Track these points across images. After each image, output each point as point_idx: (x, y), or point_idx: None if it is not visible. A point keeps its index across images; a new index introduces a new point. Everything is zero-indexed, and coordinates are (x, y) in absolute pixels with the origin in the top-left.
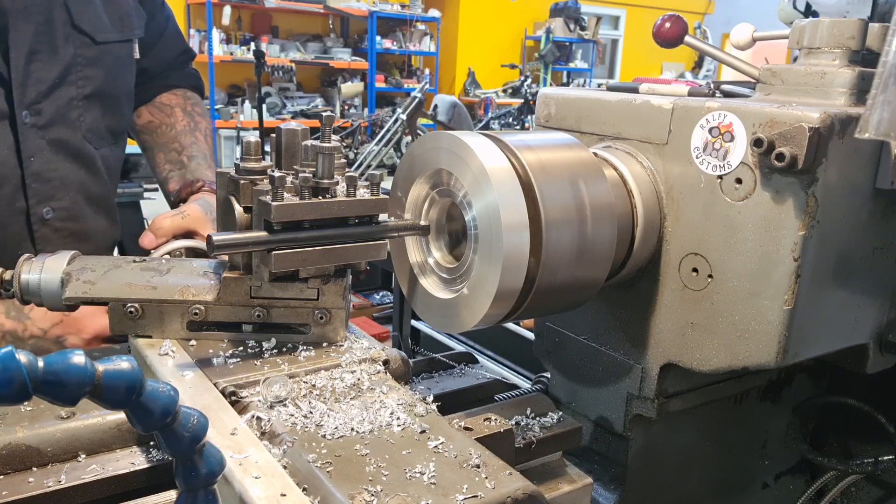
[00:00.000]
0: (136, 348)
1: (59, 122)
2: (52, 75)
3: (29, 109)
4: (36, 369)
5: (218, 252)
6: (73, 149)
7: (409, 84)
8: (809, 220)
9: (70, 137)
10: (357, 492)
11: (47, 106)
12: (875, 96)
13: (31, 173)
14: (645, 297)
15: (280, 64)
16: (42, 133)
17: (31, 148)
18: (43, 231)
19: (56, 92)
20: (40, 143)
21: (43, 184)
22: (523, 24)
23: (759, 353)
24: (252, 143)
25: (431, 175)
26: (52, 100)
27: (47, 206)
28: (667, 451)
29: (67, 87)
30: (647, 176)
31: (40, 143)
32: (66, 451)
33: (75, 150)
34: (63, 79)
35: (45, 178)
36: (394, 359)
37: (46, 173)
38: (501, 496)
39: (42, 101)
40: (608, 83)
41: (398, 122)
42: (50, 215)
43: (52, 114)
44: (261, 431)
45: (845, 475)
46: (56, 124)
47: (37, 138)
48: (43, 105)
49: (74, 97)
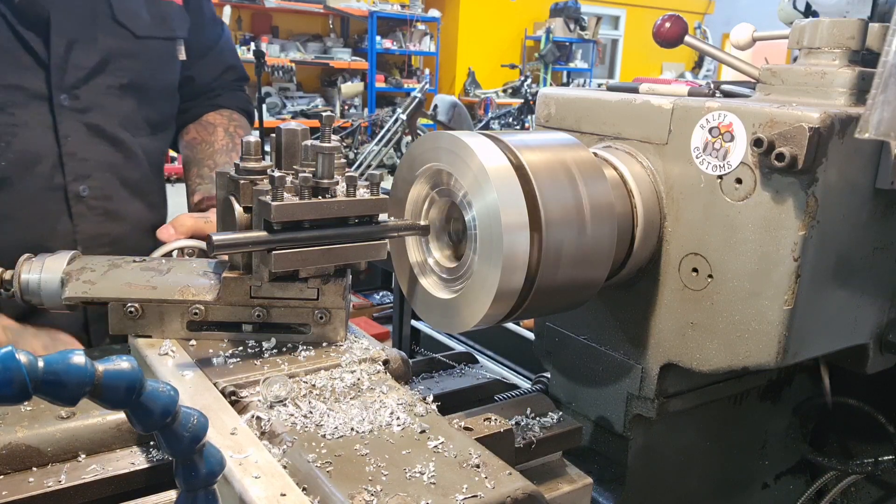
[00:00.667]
0: (136, 348)
1: (95, 108)
2: (91, 63)
3: (67, 93)
4: (36, 369)
5: (218, 252)
6: (108, 134)
7: (409, 84)
8: (809, 220)
9: (106, 123)
10: (357, 491)
11: (85, 92)
12: (875, 96)
13: (67, 152)
14: (645, 297)
15: (280, 64)
16: (79, 116)
17: (67, 129)
18: (79, 208)
19: (94, 79)
20: (77, 125)
21: (78, 163)
22: (523, 24)
23: (759, 353)
24: (252, 143)
25: (431, 175)
26: (90, 86)
27: (84, 185)
28: (667, 451)
29: (105, 75)
30: (647, 176)
31: (77, 125)
32: (66, 451)
33: (111, 136)
34: (102, 67)
35: (81, 157)
36: (394, 359)
37: (82, 153)
38: (501, 496)
39: (81, 87)
40: (608, 83)
41: (398, 122)
42: (86, 192)
43: (90, 99)
44: (261, 431)
45: (845, 475)
46: (93, 109)
47: (73, 120)
48: (81, 91)
49: (111, 86)
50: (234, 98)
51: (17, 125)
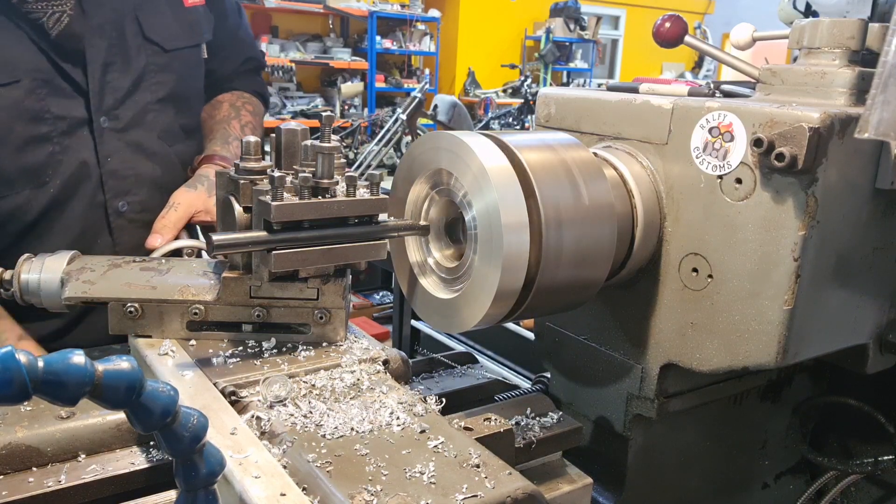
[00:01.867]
0: (136, 348)
1: (135, 126)
2: (127, 83)
3: (107, 115)
4: (36, 369)
5: (218, 252)
6: (148, 149)
7: (409, 84)
8: (809, 220)
9: (145, 139)
10: (357, 491)
11: (124, 111)
12: (875, 96)
13: (108, 171)
14: (645, 297)
15: (280, 64)
16: (120, 136)
17: (108, 149)
18: (119, 222)
19: (131, 98)
20: (118, 144)
21: (119, 180)
22: (523, 24)
23: (759, 353)
24: (252, 143)
25: (431, 175)
26: (128, 105)
27: (123, 200)
28: (667, 451)
29: (142, 93)
30: (647, 176)
31: (118, 145)
32: (66, 451)
33: (150, 150)
34: (137, 86)
35: (122, 175)
36: (394, 359)
37: (123, 171)
38: (501, 496)
39: (119, 108)
40: (608, 83)
41: (398, 122)
42: (125, 208)
43: (129, 118)
44: (260, 431)
45: (845, 475)
46: (133, 127)
47: (115, 140)
48: (120, 111)
49: (149, 101)
50: (248, 82)
51: (62, 153)
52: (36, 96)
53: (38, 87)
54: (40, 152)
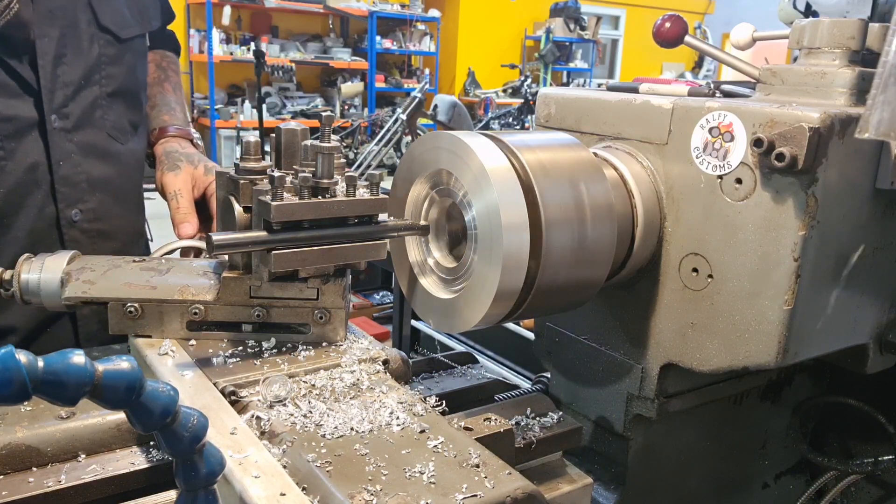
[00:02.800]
0: (136, 348)
1: (85, 124)
2: (77, 77)
3: (57, 113)
4: (36, 369)
5: (217, 252)
6: (99, 149)
7: (409, 84)
8: (809, 220)
9: (96, 138)
10: (356, 491)
11: (74, 108)
12: (875, 96)
13: (60, 178)
14: (645, 297)
15: (280, 64)
16: (69, 136)
17: (59, 153)
18: (71, 233)
19: (81, 93)
20: (69, 146)
21: (71, 187)
22: (523, 24)
23: (759, 353)
24: (252, 143)
25: (431, 175)
26: (77, 101)
27: (76, 209)
28: (667, 451)
29: (91, 87)
30: (647, 176)
31: (69, 147)
32: (66, 451)
33: (102, 150)
34: (88, 79)
35: (74, 181)
36: (393, 359)
37: (74, 176)
38: (501, 495)
39: (69, 105)
40: (608, 83)
41: (398, 122)
42: (78, 217)
43: (79, 115)
44: (260, 431)
45: (845, 475)
46: (83, 126)
47: (65, 142)
48: (70, 108)
49: (98, 96)
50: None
51: (7, 157)
52: None
53: None
54: None
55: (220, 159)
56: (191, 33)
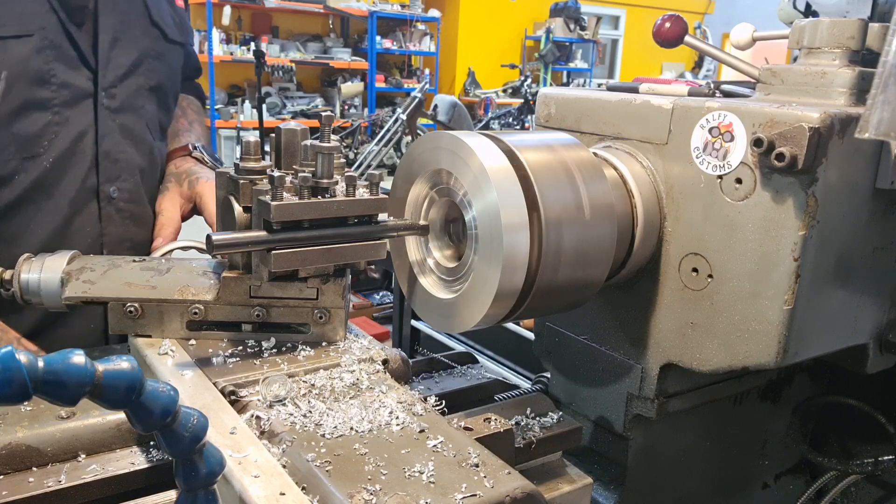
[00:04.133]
0: (136, 348)
1: (127, 109)
2: (128, 62)
3: (106, 91)
4: (36, 369)
5: (217, 252)
6: (136, 135)
7: (409, 84)
8: (809, 220)
9: (135, 124)
10: (356, 491)
11: (120, 91)
12: (875, 96)
13: (103, 152)
14: (645, 297)
15: (280, 64)
16: (114, 116)
17: (104, 128)
18: (108, 210)
19: (128, 79)
20: (112, 125)
21: (111, 164)
22: (523, 24)
23: (759, 353)
24: (251, 143)
25: (431, 175)
26: (124, 86)
27: (114, 186)
28: (667, 451)
29: (137, 76)
30: (647, 176)
31: (112, 126)
32: (66, 451)
33: (139, 137)
34: (136, 67)
35: (114, 158)
36: (393, 358)
37: (115, 154)
38: (500, 495)
39: (117, 86)
40: (608, 83)
41: (398, 122)
42: (116, 194)
43: (123, 99)
44: (260, 431)
45: (845, 475)
46: (125, 110)
47: (109, 120)
48: (118, 90)
49: (142, 86)
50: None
51: (60, 124)
52: (44, 57)
53: (46, 46)
54: (37, 119)
55: (220, 159)
56: None
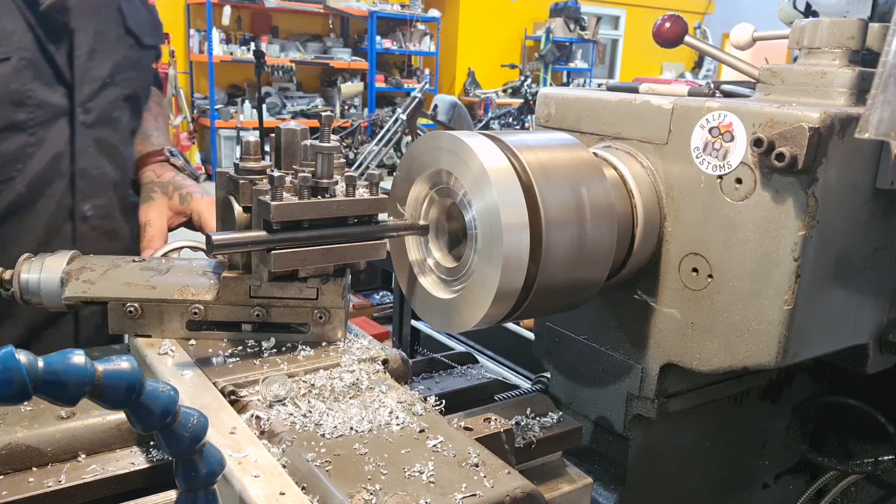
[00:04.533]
0: (136, 348)
1: (104, 122)
2: (104, 74)
3: (82, 107)
4: (36, 369)
5: (217, 252)
6: (112, 149)
7: (409, 84)
8: (809, 220)
9: (111, 137)
10: (356, 490)
11: (97, 104)
12: (875, 96)
13: (79, 170)
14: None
15: (280, 64)
16: (90, 131)
17: (80, 145)
18: (82, 229)
19: (105, 91)
20: (88, 140)
21: (87, 181)
22: (523, 24)
23: (759, 353)
24: (251, 143)
25: (431, 175)
26: (100, 98)
27: (89, 204)
28: (667, 451)
29: (113, 87)
30: (647, 176)
31: (88, 141)
32: (66, 451)
33: (114, 151)
34: (112, 78)
35: (90, 175)
36: (393, 358)
37: (91, 171)
38: (500, 495)
39: (93, 100)
40: (608, 83)
41: (398, 122)
42: (91, 213)
43: (99, 112)
44: (260, 430)
45: (845, 475)
46: (101, 124)
47: (85, 136)
48: (93, 103)
49: (117, 97)
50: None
51: (36, 145)
52: (21, 78)
53: (24, 67)
54: (12, 142)
55: (220, 159)
56: (191, 33)
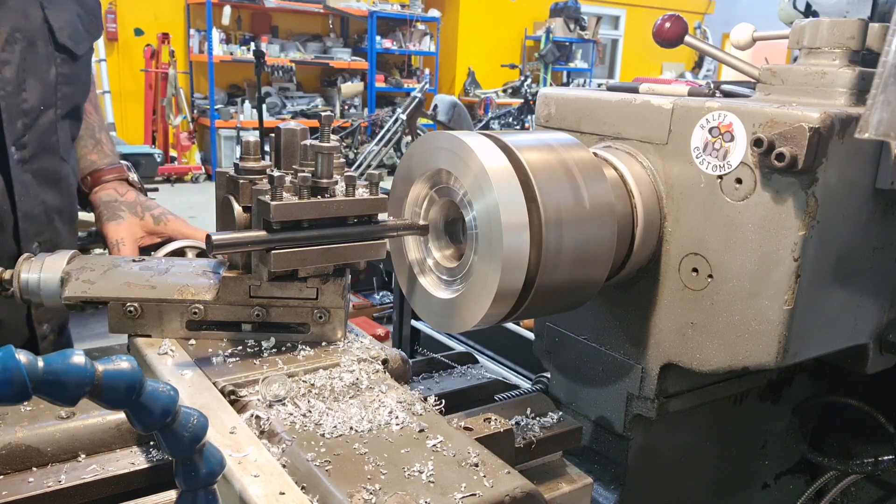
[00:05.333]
0: (136, 347)
1: (41, 151)
2: (37, 102)
3: (16, 145)
4: (36, 369)
5: (217, 252)
6: (52, 175)
7: (409, 84)
8: (809, 220)
9: (50, 163)
10: (356, 490)
11: (31, 137)
12: (875, 96)
13: (22, 214)
14: (645, 297)
15: (280, 64)
16: (27, 166)
17: (19, 186)
18: None
19: (39, 120)
20: (26, 178)
21: (31, 222)
22: (523, 24)
23: (759, 353)
24: (251, 143)
25: (431, 175)
26: (35, 129)
27: (35, 242)
28: (667, 451)
29: (48, 111)
30: (647, 176)
31: (26, 179)
32: (66, 451)
33: (55, 175)
34: (46, 103)
35: (33, 214)
36: (393, 358)
37: (33, 209)
38: (500, 494)
39: (27, 134)
40: (608, 83)
41: (398, 122)
42: (38, 251)
43: (36, 143)
44: (260, 430)
45: (845, 475)
46: (39, 154)
47: (22, 174)
48: (27, 137)
49: (54, 120)
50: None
51: None
52: None
53: None
54: None
55: (220, 159)
56: (191, 33)
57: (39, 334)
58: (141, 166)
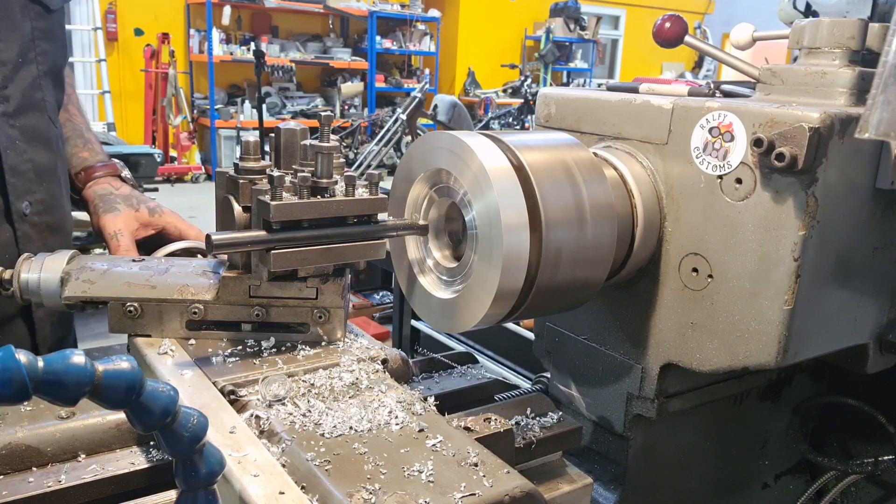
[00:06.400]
0: (136, 347)
1: (27, 108)
2: (14, 55)
3: None
4: (36, 369)
5: (217, 252)
6: (42, 134)
7: (409, 84)
8: (809, 220)
9: (38, 122)
10: (355, 490)
11: (13, 90)
12: (875, 96)
13: (8, 168)
14: (645, 297)
15: (280, 64)
16: (12, 121)
17: (4, 140)
18: (23, 228)
19: (20, 73)
20: (12, 132)
21: (20, 177)
22: (523, 24)
23: (759, 353)
24: (251, 143)
25: (431, 175)
26: (17, 83)
27: (25, 201)
28: (667, 451)
29: (29, 66)
30: (647, 176)
31: (12, 133)
32: (66, 451)
33: (44, 135)
34: (24, 57)
35: (21, 170)
36: (393, 358)
37: (21, 165)
38: (499, 494)
39: (8, 86)
40: (608, 83)
41: (398, 122)
42: (28, 210)
43: (20, 98)
44: (259, 430)
45: (845, 475)
46: (25, 110)
47: (7, 128)
48: (10, 90)
49: (36, 76)
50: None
51: None
52: None
53: None
54: None
55: (219, 159)
56: (191, 33)
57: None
58: (141, 166)
